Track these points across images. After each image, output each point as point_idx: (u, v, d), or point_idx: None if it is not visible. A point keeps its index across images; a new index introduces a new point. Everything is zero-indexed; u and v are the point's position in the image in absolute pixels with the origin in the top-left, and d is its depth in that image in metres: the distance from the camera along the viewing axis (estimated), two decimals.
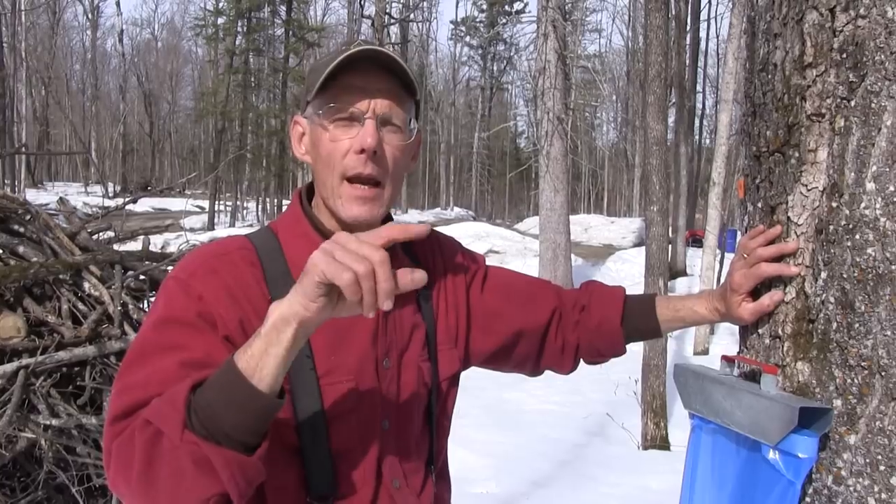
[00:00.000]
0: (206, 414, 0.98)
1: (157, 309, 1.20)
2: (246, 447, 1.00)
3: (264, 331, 0.99)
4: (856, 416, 1.13)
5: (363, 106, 1.24)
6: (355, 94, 1.24)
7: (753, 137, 1.33)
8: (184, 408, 0.99)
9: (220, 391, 0.99)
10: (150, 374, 1.10)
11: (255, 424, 1.00)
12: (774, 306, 1.26)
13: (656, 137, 7.37)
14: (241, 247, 1.29)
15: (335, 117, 1.25)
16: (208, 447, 0.98)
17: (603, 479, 5.82)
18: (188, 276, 1.21)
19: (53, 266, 3.62)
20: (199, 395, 1.00)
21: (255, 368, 0.99)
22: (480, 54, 54.66)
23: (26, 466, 3.48)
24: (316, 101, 1.28)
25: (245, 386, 0.98)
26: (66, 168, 59.15)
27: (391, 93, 1.26)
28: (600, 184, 57.49)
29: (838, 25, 1.16)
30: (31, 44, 38.44)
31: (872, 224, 1.12)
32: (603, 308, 1.56)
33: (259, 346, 0.99)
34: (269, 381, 0.99)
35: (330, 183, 1.27)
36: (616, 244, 27.24)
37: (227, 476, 0.99)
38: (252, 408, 0.99)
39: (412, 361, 1.36)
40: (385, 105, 1.25)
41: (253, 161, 33.78)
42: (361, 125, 1.24)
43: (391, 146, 1.27)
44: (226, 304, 1.19)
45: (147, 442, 1.01)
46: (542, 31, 13.79)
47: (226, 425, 0.98)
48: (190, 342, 1.14)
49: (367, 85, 1.24)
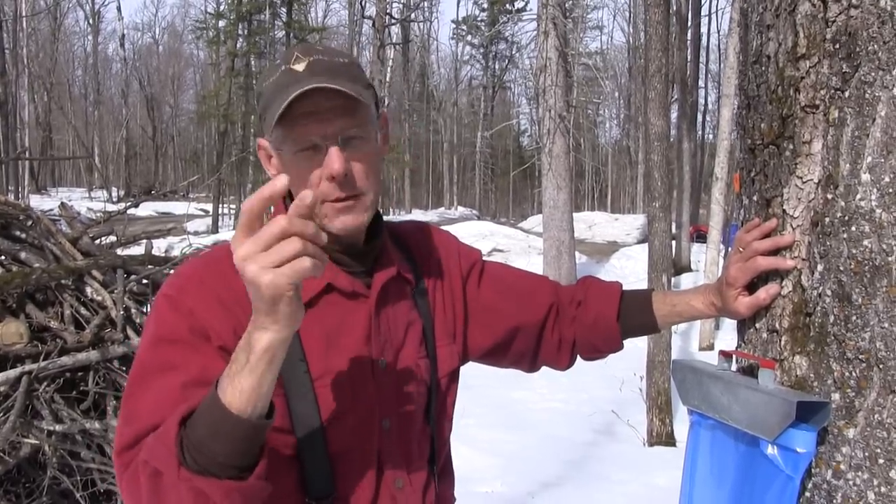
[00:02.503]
0: (196, 448, 0.98)
1: (150, 328, 1.20)
2: (242, 469, 1.00)
3: (252, 363, 0.97)
4: (854, 410, 1.12)
5: (320, 132, 1.19)
6: (309, 123, 1.19)
7: (748, 130, 1.32)
8: (175, 446, 0.99)
9: (209, 428, 0.98)
10: (152, 399, 1.10)
11: (245, 449, 1.00)
12: (771, 300, 1.25)
13: (657, 133, 7.35)
14: (228, 254, 1.28)
15: (296, 150, 1.21)
16: (203, 481, 0.98)
17: (609, 476, 5.82)
18: (177, 292, 1.21)
19: (55, 271, 3.63)
20: (190, 431, 0.99)
21: (247, 403, 0.97)
22: (482, 53, 54.68)
23: (30, 472, 3.49)
24: (274, 134, 1.22)
25: (236, 421, 0.97)
26: (69, 173, 59.29)
27: (344, 108, 1.20)
28: (604, 181, 57.46)
29: (831, 16, 1.15)
30: (32, 50, 38.56)
31: (868, 215, 1.11)
32: (599, 304, 1.55)
33: (249, 381, 0.97)
34: (261, 410, 1.00)
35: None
36: (620, 241, 27.23)
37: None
38: (245, 436, 0.99)
39: (409, 359, 1.35)
40: (341, 124, 1.20)
41: (256, 163, 33.75)
42: (325, 151, 1.19)
43: (359, 161, 1.23)
44: (218, 314, 1.18)
45: (148, 481, 1.01)
46: (542, 29, 13.78)
47: (218, 455, 0.98)
48: (185, 361, 1.13)
49: (317, 108, 1.18)
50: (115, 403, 3.55)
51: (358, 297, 1.29)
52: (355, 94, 1.18)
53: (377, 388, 1.29)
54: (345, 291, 1.28)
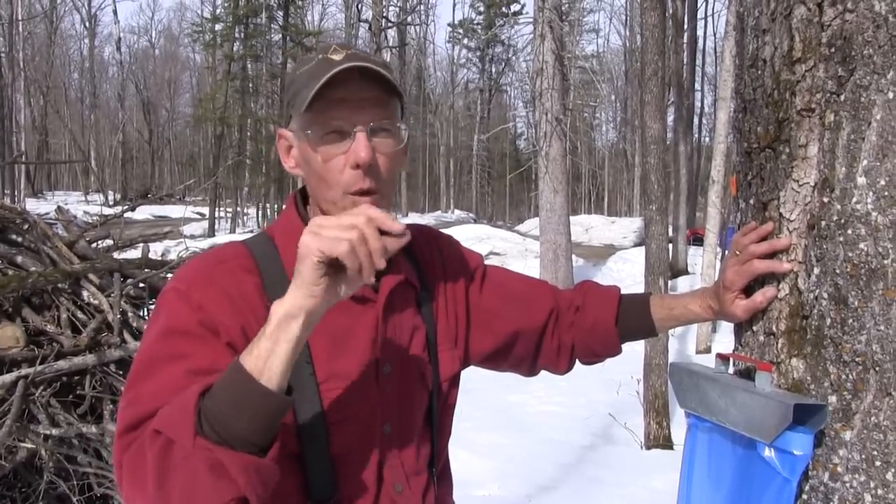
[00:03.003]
0: (217, 418, 0.98)
1: (159, 320, 1.20)
2: (259, 449, 1.01)
3: (269, 330, 1.00)
4: (851, 412, 1.12)
5: (351, 118, 1.21)
6: (342, 108, 1.21)
7: (744, 133, 1.33)
8: (194, 414, 0.98)
9: (229, 394, 0.99)
10: (158, 384, 1.10)
11: (267, 424, 1.01)
12: (767, 303, 1.26)
13: (654, 136, 7.36)
14: (237, 254, 1.28)
15: (324, 133, 1.22)
16: (222, 452, 0.97)
17: (607, 479, 5.82)
18: (187, 287, 1.21)
19: (52, 275, 3.62)
20: (209, 399, 1.00)
21: (262, 369, 0.99)
22: (478, 56, 54.69)
23: (27, 477, 3.48)
24: (301, 118, 1.24)
25: (255, 386, 0.99)
26: (65, 177, 59.19)
27: (377, 99, 1.22)
28: (600, 184, 57.50)
29: (826, 20, 1.15)
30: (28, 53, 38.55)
31: (864, 219, 1.11)
32: (597, 309, 1.55)
33: (265, 345, 1.00)
34: (277, 379, 1.00)
35: (330, 197, 1.25)
36: (617, 244, 27.24)
37: (244, 480, 0.98)
38: (264, 408, 0.99)
39: (413, 364, 1.35)
40: (372, 114, 1.22)
41: (252, 167, 33.82)
42: (352, 139, 1.21)
43: (383, 153, 1.24)
44: (227, 311, 1.18)
45: (159, 452, 1.00)
46: (538, 32, 13.79)
47: (238, 428, 0.98)
48: (194, 351, 1.13)
49: (350, 96, 1.20)
50: (112, 407, 3.55)
51: (366, 301, 1.29)
52: (391, 79, 1.22)
53: (380, 393, 1.29)
54: (354, 295, 1.28)
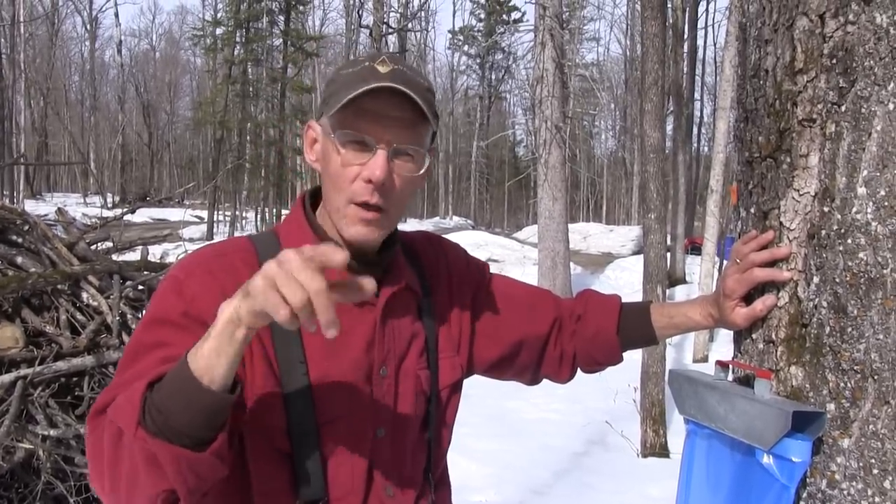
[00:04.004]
0: (158, 411, 1.00)
1: (149, 309, 1.23)
2: (200, 442, 1.01)
3: (215, 332, 1.00)
4: (849, 420, 1.13)
5: (377, 135, 1.21)
6: (370, 121, 1.21)
7: (746, 143, 1.34)
8: (139, 405, 1.00)
9: (171, 390, 1.00)
10: (134, 372, 1.12)
11: (206, 421, 1.01)
12: (767, 311, 1.27)
13: (653, 145, 7.38)
14: (241, 249, 1.29)
15: (348, 140, 1.22)
16: (156, 443, 0.99)
17: (603, 487, 5.82)
18: (185, 277, 1.22)
19: (51, 276, 3.63)
20: (155, 392, 1.01)
21: (206, 368, 1.00)
22: (478, 63, 54.76)
23: (24, 477, 3.48)
24: (331, 119, 1.24)
25: (195, 386, 0.99)
26: (64, 179, 59.21)
27: (407, 121, 1.22)
28: (599, 192, 57.58)
29: (828, 31, 1.16)
30: (29, 55, 38.57)
31: (864, 228, 1.12)
32: (599, 318, 1.56)
33: (211, 346, 1.00)
34: (220, 380, 1.00)
35: (336, 202, 1.26)
36: (615, 252, 27.28)
37: (172, 471, 1.00)
38: (202, 406, 1.00)
39: (410, 370, 1.35)
40: (399, 135, 1.22)
41: (251, 171, 33.78)
42: (373, 153, 1.21)
43: (400, 176, 1.24)
44: (220, 303, 1.19)
45: (111, 439, 1.03)
46: (539, 40, 13.82)
47: (177, 423, 0.99)
48: (173, 340, 1.15)
49: (384, 112, 1.20)
50: None
51: (364, 305, 1.29)
52: (426, 110, 1.21)
53: (374, 397, 1.29)
54: None
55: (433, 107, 1.26)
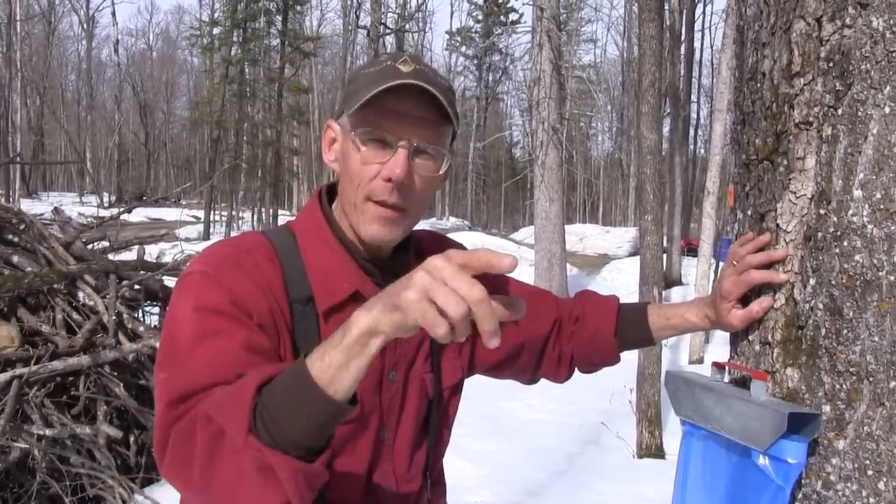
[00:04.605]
0: (273, 419, 0.95)
1: (189, 300, 1.16)
2: (310, 452, 0.97)
3: (347, 342, 0.95)
4: (844, 422, 1.13)
5: (398, 133, 1.20)
6: (391, 120, 1.20)
7: (743, 145, 1.34)
8: (249, 409, 0.95)
9: (291, 398, 0.95)
10: (205, 358, 1.08)
11: (325, 432, 0.97)
12: (764, 313, 1.27)
13: (650, 147, 7.38)
14: (261, 244, 1.27)
15: (369, 139, 1.22)
16: (274, 456, 0.94)
17: (598, 487, 5.82)
18: (215, 270, 1.19)
19: (48, 276, 3.62)
20: (267, 399, 0.96)
21: (331, 379, 0.95)
22: (476, 64, 54.74)
23: (19, 477, 3.47)
24: (352, 117, 1.24)
25: (320, 396, 0.94)
26: (61, 178, 59.08)
27: (429, 121, 1.23)
28: (595, 193, 57.59)
29: (825, 35, 1.17)
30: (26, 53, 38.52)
31: (860, 231, 1.13)
32: (597, 319, 1.57)
33: (339, 357, 0.95)
34: (345, 391, 0.96)
35: (353, 199, 1.25)
36: (611, 254, 27.29)
37: (292, 487, 0.95)
38: (326, 416, 0.96)
39: (417, 374, 1.35)
40: (420, 134, 1.22)
41: (248, 171, 33.73)
42: (393, 152, 1.21)
43: (420, 175, 1.24)
44: (254, 294, 1.17)
45: (209, 440, 0.97)
46: (536, 42, 13.83)
47: (294, 433, 0.95)
48: (231, 329, 1.12)
49: (404, 110, 1.20)
50: (106, 408, 3.55)
51: None
52: (448, 110, 1.21)
53: (382, 400, 1.30)
54: (364, 299, 1.28)
55: (454, 106, 1.26)
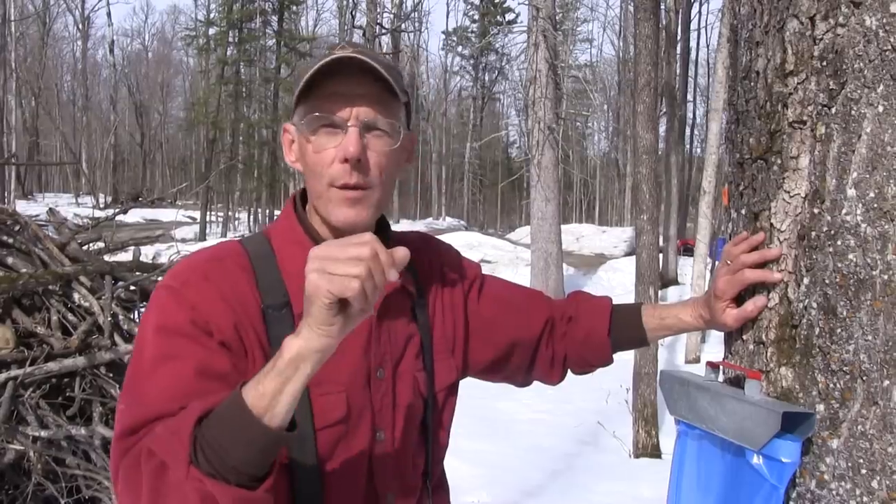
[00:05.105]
0: (212, 451, 0.97)
1: (151, 319, 1.19)
2: (252, 479, 0.99)
3: (279, 368, 0.97)
4: (838, 421, 1.13)
5: (345, 113, 1.22)
6: (337, 102, 1.21)
7: (737, 144, 1.34)
8: (189, 442, 0.97)
9: (228, 429, 0.97)
10: (158, 386, 1.10)
11: (263, 458, 0.99)
12: (758, 312, 1.27)
13: (646, 146, 7.39)
14: (233, 252, 1.28)
15: (318, 125, 1.23)
16: (214, 485, 0.96)
17: (594, 487, 5.82)
18: (181, 285, 1.20)
19: (43, 277, 3.61)
20: (206, 430, 0.98)
21: (267, 407, 0.97)
22: (472, 64, 54.75)
23: (14, 479, 3.46)
24: (299, 110, 1.26)
25: (256, 425, 0.96)
26: (56, 179, 59.01)
27: (374, 97, 1.23)
28: (592, 193, 57.63)
29: (818, 34, 1.17)
30: (21, 54, 38.44)
31: (854, 230, 1.13)
32: (590, 319, 1.56)
33: (272, 384, 0.97)
34: (282, 417, 0.98)
35: (318, 189, 1.26)
36: (608, 253, 27.29)
37: None
38: (263, 445, 0.97)
39: (407, 371, 1.34)
40: (368, 111, 1.23)
41: (244, 171, 33.72)
42: (345, 133, 1.22)
43: (376, 151, 1.24)
44: (220, 309, 1.18)
45: (153, 473, 0.99)
46: (532, 41, 13.84)
47: (234, 461, 0.96)
48: (186, 352, 1.13)
49: (348, 91, 1.21)
50: (102, 410, 3.54)
51: None
52: (392, 82, 1.22)
53: (373, 399, 1.29)
54: None
55: (400, 82, 1.26)
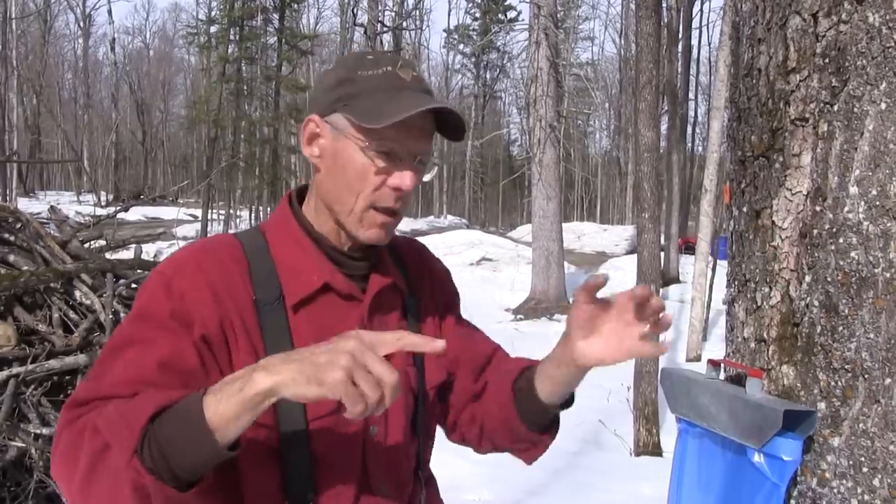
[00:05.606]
0: (159, 451, 0.99)
1: (138, 301, 1.22)
2: (185, 484, 1.01)
3: (242, 397, 0.99)
4: (839, 419, 1.13)
5: (407, 145, 1.24)
6: (401, 132, 1.22)
7: (738, 142, 1.34)
8: (139, 434, 0.99)
9: (182, 437, 1.00)
10: (121, 368, 1.12)
11: (203, 469, 1.01)
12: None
13: (647, 145, 7.38)
14: (228, 244, 1.29)
15: (379, 150, 1.23)
16: (152, 481, 0.98)
17: (595, 485, 5.82)
18: (173, 273, 1.22)
19: (44, 274, 3.61)
20: (159, 428, 1.00)
21: (223, 427, 0.99)
22: (473, 62, 54.69)
23: (16, 476, 3.46)
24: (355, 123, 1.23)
25: (209, 441, 0.99)
26: (58, 177, 58.99)
27: (427, 131, 1.27)
28: (593, 191, 57.57)
29: (821, 30, 1.17)
30: (22, 52, 38.43)
31: (856, 228, 1.13)
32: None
33: (231, 410, 0.99)
34: (231, 438, 1.01)
35: (350, 204, 1.26)
36: (609, 251, 27.26)
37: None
38: (209, 459, 1.00)
39: (398, 366, 1.34)
40: (424, 145, 1.27)
41: (246, 169, 33.67)
42: (400, 161, 1.24)
43: (414, 185, 1.28)
44: (208, 303, 1.19)
45: (94, 451, 1.02)
46: (534, 39, 13.83)
47: (177, 468, 0.99)
48: (157, 340, 1.15)
49: (411, 122, 1.21)
50: None
51: (352, 299, 1.30)
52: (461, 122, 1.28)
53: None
54: (341, 293, 1.29)
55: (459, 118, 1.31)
